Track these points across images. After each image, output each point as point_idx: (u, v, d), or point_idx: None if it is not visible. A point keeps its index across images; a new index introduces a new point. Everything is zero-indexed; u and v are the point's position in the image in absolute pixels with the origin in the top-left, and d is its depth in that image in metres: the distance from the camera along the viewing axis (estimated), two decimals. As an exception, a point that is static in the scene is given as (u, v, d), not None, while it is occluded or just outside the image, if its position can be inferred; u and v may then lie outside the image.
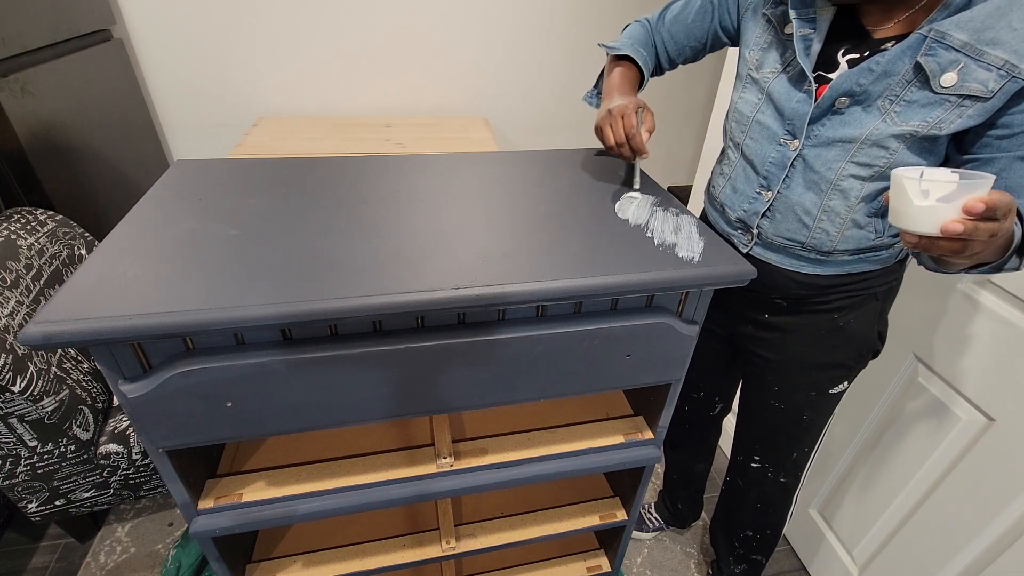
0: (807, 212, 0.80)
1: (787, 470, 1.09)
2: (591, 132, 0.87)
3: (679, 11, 0.96)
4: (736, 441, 1.15)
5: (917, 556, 1.11)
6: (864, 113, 0.72)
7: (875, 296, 0.88)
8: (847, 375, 0.96)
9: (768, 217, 0.84)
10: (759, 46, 0.83)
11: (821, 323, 0.90)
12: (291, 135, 2.06)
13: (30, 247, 1.22)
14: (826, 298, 0.88)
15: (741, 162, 0.87)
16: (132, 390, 0.61)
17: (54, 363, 1.13)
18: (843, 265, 0.83)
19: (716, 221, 0.96)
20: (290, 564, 0.97)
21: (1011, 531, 0.93)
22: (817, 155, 0.76)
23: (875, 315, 0.90)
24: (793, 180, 0.80)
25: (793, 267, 0.86)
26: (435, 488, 0.86)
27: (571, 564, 1.20)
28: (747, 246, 0.89)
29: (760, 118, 0.82)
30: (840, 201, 0.77)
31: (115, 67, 1.86)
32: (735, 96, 0.88)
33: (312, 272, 0.63)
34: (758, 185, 0.84)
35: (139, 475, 1.28)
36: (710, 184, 0.98)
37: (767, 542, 1.23)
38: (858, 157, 0.74)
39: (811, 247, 0.82)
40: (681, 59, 1.00)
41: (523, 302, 0.64)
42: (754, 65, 0.83)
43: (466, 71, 2.34)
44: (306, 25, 2.10)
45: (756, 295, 0.93)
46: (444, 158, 0.98)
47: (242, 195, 0.80)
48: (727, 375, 1.17)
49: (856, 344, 0.92)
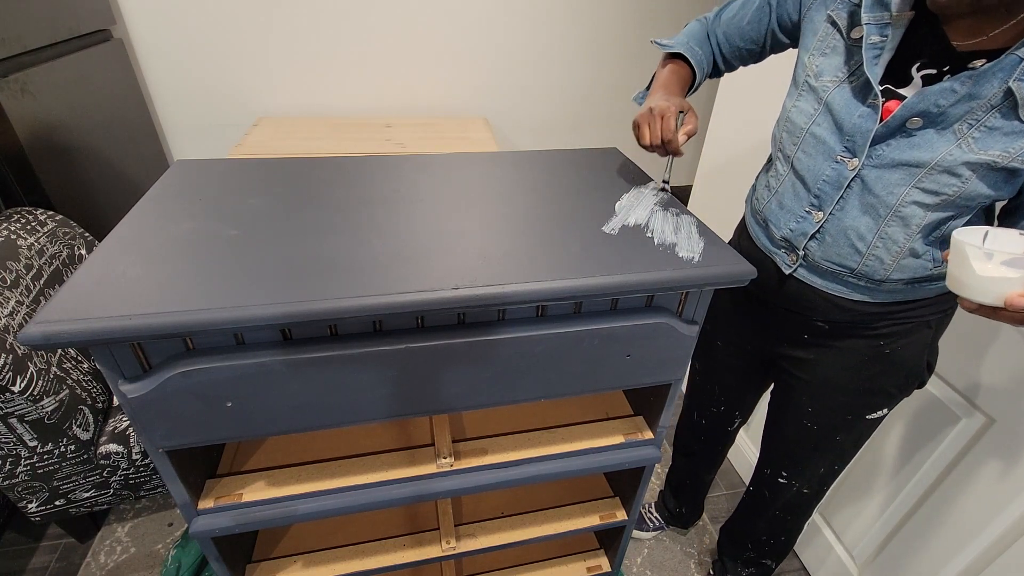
0: (861, 238, 0.74)
1: (812, 485, 1.05)
2: (591, 132, 0.87)
3: (736, 12, 0.89)
4: (763, 455, 1.11)
5: (917, 556, 1.11)
6: (937, 136, 0.65)
7: (927, 324, 0.82)
8: (887, 403, 0.90)
9: (817, 239, 0.78)
10: (820, 50, 0.75)
11: (865, 348, 0.85)
12: (291, 135, 2.06)
13: (30, 247, 1.22)
14: (873, 324, 0.82)
15: (791, 177, 0.80)
16: (132, 390, 0.61)
17: (54, 363, 1.13)
18: (894, 293, 0.77)
19: (757, 236, 0.90)
20: (290, 564, 0.97)
21: (1011, 531, 0.92)
22: (878, 177, 0.70)
23: (925, 344, 0.84)
24: (848, 202, 0.74)
25: (840, 293, 0.80)
26: (435, 488, 0.86)
27: (571, 564, 1.20)
28: (790, 267, 0.83)
29: (816, 130, 0.75)
30: (899, 229, 0.71)
31: (115, 67, 1.86)
32: (788, 103, 0.81)
33: (312, 272, 0.63)
34: (808, 204, 0.78)
35: (139, 475, 1.28)
36: (753, 194, 0.92)
37: (781, 548, 1.21)
38: (925, 183, 0.67)
39: (862, 274, 0.76)
40: (738, 62, 0.94)
41: (523, 302, 0.64)
42: (813, 71, 0.76)
43: (466, 71, 2.35)
44: (306, 25, 2.10)
45: (796, 315, 0.88)
46: (444, 158, 0.98)
47: (242, 195, 0.80)
48: (751, 391, 1.14)
49: (902, 372, 0.86)
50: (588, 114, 2.58)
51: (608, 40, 2.42)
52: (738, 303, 1.00)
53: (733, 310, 1.02)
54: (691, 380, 1.25)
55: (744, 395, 1.15)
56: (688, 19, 2.46)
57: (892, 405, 0.91)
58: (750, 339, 1.01)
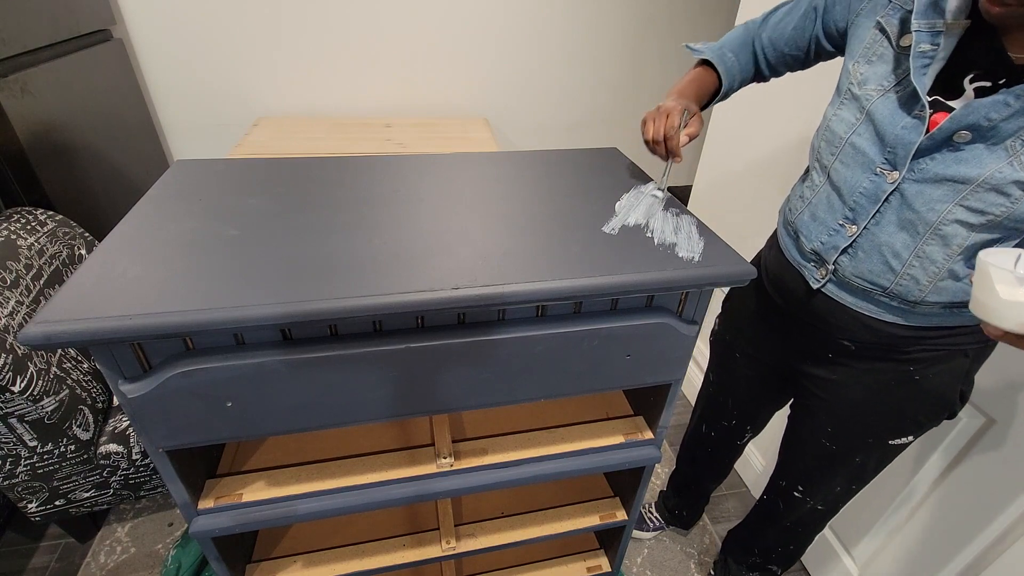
0: (896, 255, 0.70)
1: (828, 502, 1.02)
2: (591, 132, 0.87)
3: (781, 17, 0.87)
4: (779, 468, 1.07)
5: (917, 556, 1.11)
6: (987, 152, 0.61)
7: (964, 353, 0.77)
8: (913, 431, 0.86)
9: (849, 254, 0.75)
10: (866, 58, 0.72)
11: (892, 372, 0.80)
12: (291, 135, 2.06)
13: (30, 247, 1.22)
14: (904, 348, 0.77)
15: (826, 188, 0.77)
16: (132, 390, 0.61)
17: (54, 363, 1.13)
18: (930, 317, 0.73)
19: (787, 247, 0.87)
20: (290, 564, 0.97)
21: (1011, 531, 0.92)
22: (919, 192, 0.66)
23: (960, 373, 0.79)
24: (885, 216, 0.70)
25: (870, 312, 0.76)
26: (435, 488, 0.86)
27: (571, 564, 1.20)
28: (819, 282, 0.80)
29: (855, 140, 0.72)
30: (939, 248, 0.67)
31: (115, 67, 1.86)
32: (830, 112, 0.78)
33: (312, 272, 0.63)
34: (842, 216, 0.75)
35: (139, 475, 1.28)
36: (787, 205, 0.89)
37: (789, 557, 1.19)
38: (970, 201, 0.63)
39: (895, 294, 0.72)
40: (784, 68, 0.90)
41: (523, 302, 0.64)
42: (857, 79, 0.72)
43: (466, 71, 2.35)
44: (307, 25, 2.10)
45: (821, 332, 0.85)
46: (444, 158, 0.98)
47: (242, 195, 0.80)
48: (766, 406, 1.11)
49: (931, 401, 0.81)
50: (588, 114, 2.58)
51: (608, 40, 2.42)
52: (763, 314, 0.97)
53: (757, 321, 0.99)
54: (704, 392, 1.22)
55: (758, 410, 1.12)
56: (688, 19, 2.47)
57: (919, 434, 0.87)
58: (771, 352, 0.98)
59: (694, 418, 1.29)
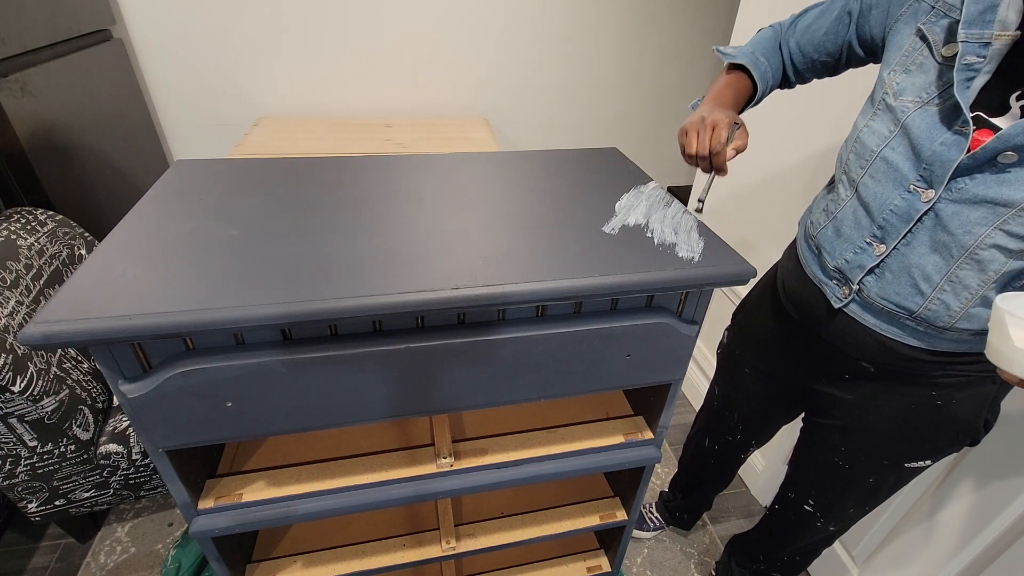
0: (927, 278, 0.66)
1: (839, 521, 0.98)
2: (591, 132, 0.87)
3: (812, 21, 0.82)
4: (789, 480, 1.04)
5: (917, 556, 1.11)
6: None
7: (992, 379, 0.73)
8: (932, 456, 0.82)
9: (876, 274, 0.71)
10: (903, 67, 0.68)
11: (913, 396, 0.77)
12: (291, 135, 2.06)
13: (30, 247, 1.22)
14: (928, 373, 0.74)
15: (853, 203, 0.73)
16: (132, 390, 0.61)
17: (54, 363, 1.13)
18: (959, 344, 0.70)
19: (808, 263, 0.83)
20: (290, 564, 0.97)
21: (1011, 531, 0.92)
22: (955, 213, 0.62)
23: (986, 400, 0.76)
24: (917, 237, 0.66)
25: (894, 336, 0.72)
26: (435, 488, 0.86)
27: (571, 564, 1.20)
28: (841, 301, 0.76)
29: (888, 154, 0.68)
30: (974, 273, 0.63)
31: (115, 67, 1.86)
32: (861, 123, 0.74)
33: (312, 272, 0.63)
34: (870, 234, 0.71)
35: (139, 475, 1.28)
36: (809, 218, 0.85)
37: (795, 567, 1.16)
38: (1010, 225, 0.59)
39: (922, 319, 0.68)
40: (812, 74, 0.87)
41: (523, 302, 0.64)
42: (892, 89, 0.68)
43: (467, 71, 2.35)
44: (307, 25, 2.10)
45: (840, 353, 0.81)
46: (444, 158, 0.98)
47: (242, 195, 0.80)
48: (773, 422, 1.08)
49: (953, 428, 0.77)
50: (588, 114, 2.58)
51: (609, 40, 2.42)
52: (777, 330, 0.94)
53: (770, 336, 0.96)
54: (707, 405, 1.20)
55: (765, 425, 1.09)
56: (689, 19, 2.47)
57: (937, 459, 0.83)
58: (783, 369, 0.95)
59: (697, 431, 1.27)
